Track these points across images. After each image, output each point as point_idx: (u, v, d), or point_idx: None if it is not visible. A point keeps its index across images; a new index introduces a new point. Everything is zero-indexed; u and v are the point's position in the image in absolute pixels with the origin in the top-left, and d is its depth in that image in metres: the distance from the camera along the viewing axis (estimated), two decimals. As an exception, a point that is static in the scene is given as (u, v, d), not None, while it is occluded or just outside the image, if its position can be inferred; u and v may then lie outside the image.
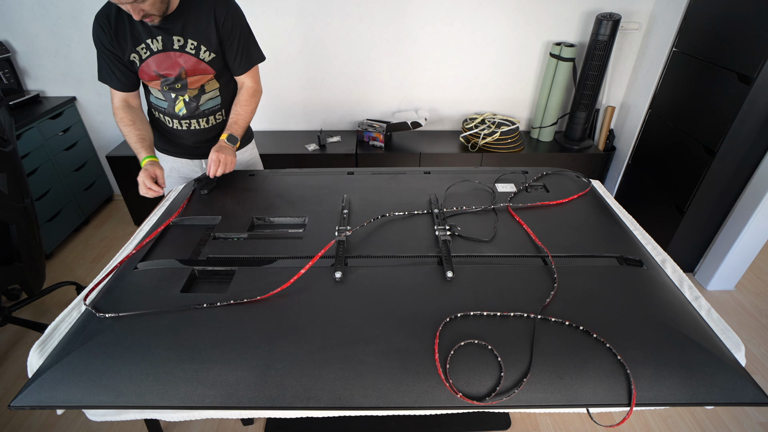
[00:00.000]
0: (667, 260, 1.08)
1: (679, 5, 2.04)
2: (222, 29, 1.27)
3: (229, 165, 1.30)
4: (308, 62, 2.38)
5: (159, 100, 1.36)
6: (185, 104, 1.36)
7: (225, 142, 1.34)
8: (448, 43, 2.34)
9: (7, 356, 1.78)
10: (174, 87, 1.31)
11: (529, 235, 1.07)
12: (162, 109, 1.38)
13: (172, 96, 1.34)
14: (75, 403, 0.73)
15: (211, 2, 1.24)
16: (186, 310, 0.84)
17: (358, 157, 2.34)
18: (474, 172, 1.41)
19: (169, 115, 1.38)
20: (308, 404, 0.72)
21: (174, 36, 1.23)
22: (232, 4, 1.28)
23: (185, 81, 1.30)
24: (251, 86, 1.41)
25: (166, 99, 1.35)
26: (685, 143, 1.98)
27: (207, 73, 1.32)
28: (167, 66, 1.27)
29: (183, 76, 1.29)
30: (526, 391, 0.72)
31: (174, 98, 1.34)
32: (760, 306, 2.05)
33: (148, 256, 1.02)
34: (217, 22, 1.26)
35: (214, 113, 1.42)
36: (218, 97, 1.40)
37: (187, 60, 1.27)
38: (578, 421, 1.54)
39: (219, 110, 1.43)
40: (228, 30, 1.28)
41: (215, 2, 1.24)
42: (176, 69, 1.28)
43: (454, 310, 0.83)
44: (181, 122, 1.40)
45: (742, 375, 0.75)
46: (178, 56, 1.26)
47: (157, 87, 1.32)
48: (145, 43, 1.23)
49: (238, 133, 1.37)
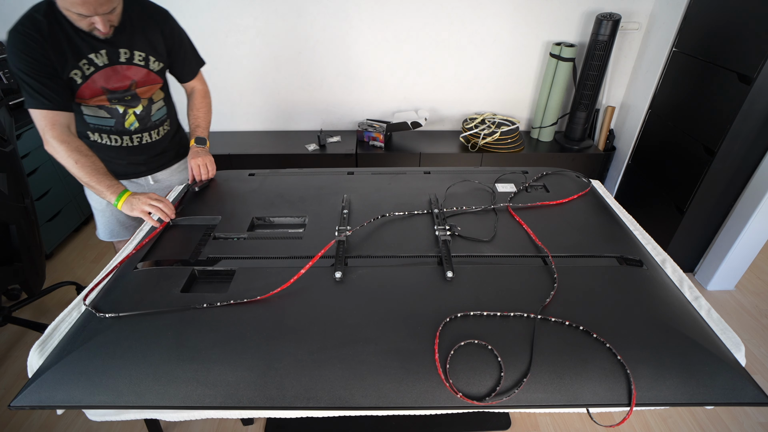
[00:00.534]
0: (667, 260, 1.08)
1: (679, 5, 2.04)
2: (169, 39, 1.26)
3: (210, 165, 1.37)
4: (308, 62, 2.37)
5: (102, 118, 1.25)
6: (137, 117, 1.30)
7: (197, 146, 1.39)
8: (448, 43, 2.34)
9: (7, 356, 1.78)
10: (123, 99, 1.24)
11: (529, 235, 1.07)
12: (106, 127, 1.27)
13: (120, 111, 1.26)
14: (75, 403, 0.73)
15: (148, 13, 1.22)
16: (186, 310, 0.84)
17: (358, 157, 2.34)
18: (474, 172, 1.41)
19: (117, 132, 1.29)
20: (308, 404, 0.72)
21: (120, 48, 1.17)
22: (168, 13, 1.27)
23: (135, 93, 1.25)
24: (202, 88, 1.44)
25: (112, 115, 1.25)
26: (685, 143, 1.98)
27: (156, 83, 1.29)
28: (116, 80, 1.20)
29: (133, 89, 1.24)
30: (526, 391, 0.72)
31: (123, 112, 1.26)
32: (760, 306, 2.05)
33: (148, 256, 1.02)
34: (164, 32, 1.24)
35: (162, 123, 1.38)
36: (164, 107, 1.37)
37: (136, 72, 1.22)
38: (578, 421, 1.54)
39: (166, 119, 1.40)
40: (175, 38, 1.28)
41: (153, 12, 1.23)
42: (126, 82, 1.22)
43: (454, 310, 0.83)
44: (132, 137, 1.32)
45: (742, 375, 0.75)
46: (126, 69, 1.20)
47: (102, 103, 1.22)
48: (87, 59, 1.14)
49: (204, 134, 1.41)
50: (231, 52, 2.31)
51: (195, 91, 1.43)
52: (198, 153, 1.36)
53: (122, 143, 1.32)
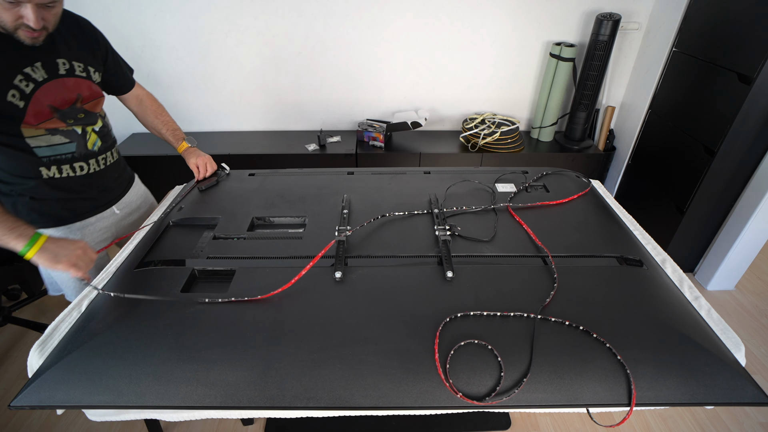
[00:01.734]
0: (667, 260, 1.08)
1: (679, 5, 2.04)
2: (100, 47, 1.13)
3: (209, 163, 1.37)
4: (308, 62, 2.37)
5: (59, 146, 1.04)
6: (98, 135, 1.13)
7: (192, 148, 1.38)
8: (448, 43, 2.34)
9: (7, 356, 1.78)
10: (77, 118, 1.06)
11: (529, 235, 1.07)
12: (68, 155, 1.07)
13: (79, 131, 1.08)
14: (75, 403, 0.73)
15: (74, 21, 1.08)
16: (189, 305, 0.84)
17: (358, 157, 2.34)
18: (474, 172, 1.41)
19: (82, 157, 1.10)
20: (308, 404, 0.72)
21: (58, 59, 1.00)
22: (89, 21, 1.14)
23: (84, 108, 1.08)
24: (148, 93, 1.33)
25: (72, 139, 1.06)
26: (685, 143, 1.98)
27: (100, 96, 1.13)
28: (62, 96, 1.02)
29: (80, 104, 1.07)
30: (526, 391, 0.72)
31: (83, 132, 1.08)
32: (760, 306, 2.05)
33: (148, 256, 1.02)
34: (98, 41, 1.13)
35: (115, 140, 1.24)
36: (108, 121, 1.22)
37: (79, 84, 1.05)
38: (578, 421, 1.54)
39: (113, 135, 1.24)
40: (107, 47, 1.16)
41: (78, 21, 1.09)
42: (72, 97, 1.04)
43: (454, 310, 0.83)
44: (98, 160, 1.14)
45: (742, 375, 0.75)
46: (68, 82, 1.03)
47: (55, 126, 1.02)
48: (23, 73, 0.94)
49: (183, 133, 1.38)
50: (231, 52, 2.31)
51: (143, 98, 1.31)
52: (196, 153, 1.37)
53: (89, 169, 1.13)
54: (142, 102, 1.31)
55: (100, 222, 1.22)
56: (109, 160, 1.20)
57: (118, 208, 1.26)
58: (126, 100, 1.29)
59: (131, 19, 2.17)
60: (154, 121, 1.32)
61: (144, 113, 1.32)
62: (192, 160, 1.35)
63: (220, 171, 1.40)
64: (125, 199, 1.29)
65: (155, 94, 1.36)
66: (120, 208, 1.27)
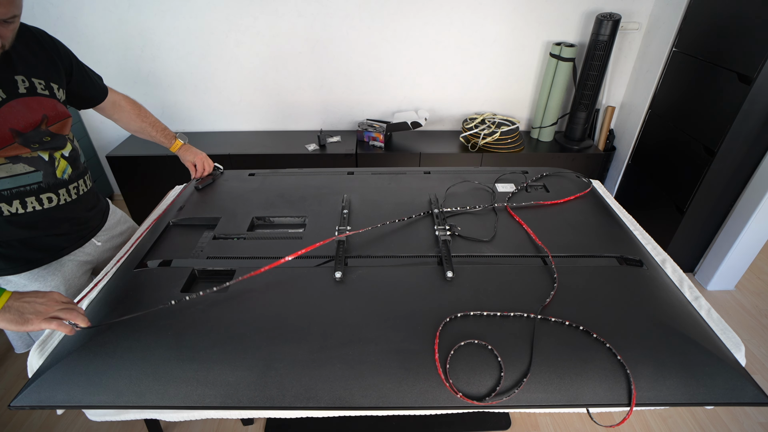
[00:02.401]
0: (667, 260, 1.08)
1: (679, 5, 2.04)
2: (63, 60, 1.01)
3: (206, 161, 1.36)
4: (308, 62, 2.37)
5: (22, 176, 0.90)
6: (68, 161, 0.99)
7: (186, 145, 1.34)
8: (448, 43, 2.34)
9: (7, 356, 1.78)
10: (43, 142, 0.92)
11: (530, 235, 1.07)
12: (33, 187, 0.92)
13: (45, 158, 0.93)
14: (75, 403, 0.73)
15: (30, 34, 0.95)
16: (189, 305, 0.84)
17: (358, 157, 2.34)
18: (474, 172, 1.41)
19: (50, 188, 0.95)
20: (308, 404, 0.72)
21: (15, 76, 0.88)
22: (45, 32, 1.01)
23: (50, 131, 0.94)
24: (124, 96, 1.23)
25: (37, 167, 0.92)
26: (685, 143, 1.98)
27: (66, 116, 0.99)
28: (25, 118, 0.89)
29: (44, 126, 0.93)
30: (526, 391, 0.72)
31: (50, 159, 0.94)
32: (760, 306, 2.05)
33: (148, 256, 1.02)
34: (59, 54, 1.01)
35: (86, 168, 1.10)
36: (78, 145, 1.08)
37: (43, 104, 0.92)
38: (578, 421, 1.54)
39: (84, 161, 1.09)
40: (69, 59, 1.04)
41: (34, 33, 0.96)
42: (37, 118, 0.91)
43: (454, 310, 0.83)
44: (68, 189, 1.00)
45: (742, 375, 0.75)
46: (30, 102, 0.90)
47: (17, 152, 0.88)
48: None
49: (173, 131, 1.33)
50: (231, 52, 2.31)
51: (120, 102, 1.21)
52: (192, 151, 1.35)
53: (59, 200, 0.98)
54: (120, 107, 1.21)
55: (78, 257, 1.09)
56: (82, 189, 1.04)
57: (98, 239, 1.14)
58: (103, 109, 1.17)
59: (131, 19, 2.17)
60: (141, 124, 1.24)
61: (127, 118, 1.22)
62: (189, 158, 1.34)
63: (216, 169, 1.40)
64: (105, 227, 1.16)
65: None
66: (100, 239, 1.14)
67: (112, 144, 2.62)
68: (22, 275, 0.99)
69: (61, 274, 1.05)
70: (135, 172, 2.32)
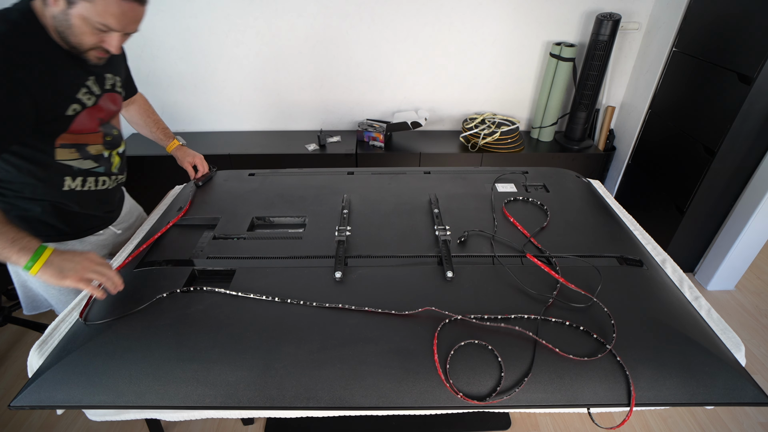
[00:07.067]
0: (667, 260, 1.08)
1: (679, 5, 2.04)
2: (125, 58, 1.12)
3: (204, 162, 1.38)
4: (308, 62, 2.37)
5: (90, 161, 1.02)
6: (121, 157, 1.14)
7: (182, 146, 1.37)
8: (448, 43, 2.34)
9: (7, 356, 1.78)
10: (113, 135, 1.07)
11: (532, 234, 1.07)
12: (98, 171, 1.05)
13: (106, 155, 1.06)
14: (75, 403, 0.73)
15: None
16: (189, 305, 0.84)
17: (358, 157, 2.34)
18: (474, 172, 1.41)
19: (106, 174, 1.08)
20: (308, 404, 0.72)
21: (105, 74, 1.00)
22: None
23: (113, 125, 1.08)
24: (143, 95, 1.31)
25: (101, 164, 1.05)
26: (685, 143, 1.98)
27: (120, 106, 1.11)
28: (108, 111, 1.02)
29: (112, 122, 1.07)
30: (526, 391, 0.72)
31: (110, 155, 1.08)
32: (760, 306, 2.05)
33: (149, 256, 1.02)
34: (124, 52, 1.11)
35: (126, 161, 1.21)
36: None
37: (116, 99, 1.06)
38: (578, 421, 1.54)
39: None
40: (124, 56, 1.13)
41: None
42: (114, 110, 1.06)
43: (454, 310, 0.83)
44: (117, 178, 1.14)
45: (742, 375, 0.75)
46: (112, 97, 1.03)
47: (96, 142, 1.00)
48: (86, 86, 0.94)
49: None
50: (231, 52, 2.31)
51: (139, 99, 1.30)
52: (189, 152, 1.38)
53: (108, 185, 1.11)
54: (134, 102, 1.28)
55: (98, 239, 1.17)
56: (121, 180, 1.18)
57: (115, 226, 1.22)
58: (127, 104, 1.26)
59: (131, 19, 2.17)
60: (146, 120, 1.30)
61: (136, 114, 1.29)
62: (188, 159, 1.36)
63: (211, 169, 1.41)
64: (121, 217, 1.25)
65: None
66: (117, 227, 1.23)
67: (112, 144, 2.62)
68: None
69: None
70: (135, 172, 2.31)
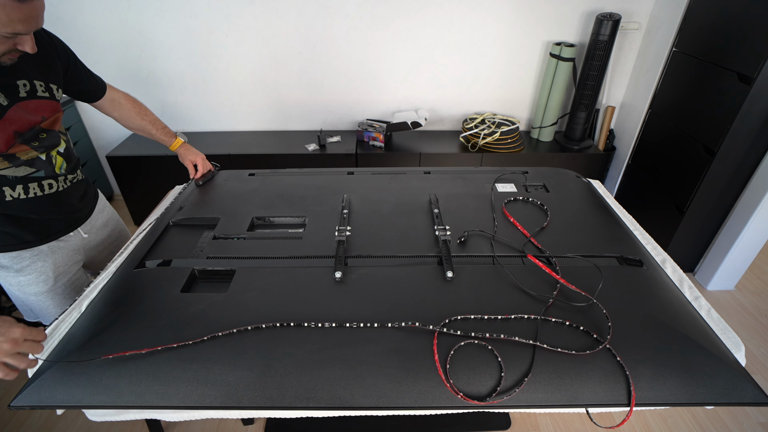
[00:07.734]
0: (667, 260, 1.08)
1: (679, 5, 2.04)
2: (61, 59, 1.03)
3: (206, 161, 1.37)
4: (308, 62, 2.37)
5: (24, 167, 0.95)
6: (63, 156, 1.04)
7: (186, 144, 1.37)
8: (448, 43, 2.34)
9: (7, 356, 1.78)
10: (41, 139, 0.97)
11: (531, 234, 1.07)
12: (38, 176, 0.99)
13: (43, 158, 0.98)
14: (75, 403, 0.73)
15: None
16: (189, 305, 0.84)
17: (358, 157, 2.34)
18: (474, 172, 1.41)
19: (50, 176, 1.02)
20: (308, 404, 0.72)
21: (18, 81, 0.90)
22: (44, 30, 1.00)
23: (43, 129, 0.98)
24: (124, 93, 1.25)
25: (38, 168, 0.97)
26: (685, 143, 1.98)
27: (60, 111, 1.03)
28: (25, 121, 0.92)
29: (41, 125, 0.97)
30: (526, 391, 0.72)
31: (48, 157, 1.00)
32: (760, 306, 2.05)
33: (148, 256, 1.02)
34: (58, 52, 1.02)
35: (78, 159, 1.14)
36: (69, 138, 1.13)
37: (42, 107, 0.96)
38: (578, 421, 1.54)
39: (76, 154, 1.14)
40: (67, 56, 1.06)
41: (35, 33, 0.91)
42: (36, 120, 0.95)
43: (454, 310, 0.83)
44: (66, 179, 1.06)
45: (742, 375, 0.75)
46: (30, 105, 0.93)
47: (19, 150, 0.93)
48: None
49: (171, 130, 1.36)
50: (231, 52, 2.31)
51: (119, 99, 1.23)
52: (191, 150, 1.38)
53: (58, 187, 1.04)
54: (120, 104, 1.23)
55: (66, 245, 1.12)
56: (74, 180, 1.10)
57: (84, 230, 1.16)
58: (101, 106, 1.20)
59: (131, 19, 2.17)
60: (141, 122, 1.27)
61: (127, 115, 1.25)
62: (190, 158, 1.36)
63: (215, 167, 1.42)
64: (91, 220, 1.18)
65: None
66: (86, 230, 1.17)
67: (112, 144, 2.62)
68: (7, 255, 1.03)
69: (52, 261, 1.09)
70: (135, 172, 2.32)
